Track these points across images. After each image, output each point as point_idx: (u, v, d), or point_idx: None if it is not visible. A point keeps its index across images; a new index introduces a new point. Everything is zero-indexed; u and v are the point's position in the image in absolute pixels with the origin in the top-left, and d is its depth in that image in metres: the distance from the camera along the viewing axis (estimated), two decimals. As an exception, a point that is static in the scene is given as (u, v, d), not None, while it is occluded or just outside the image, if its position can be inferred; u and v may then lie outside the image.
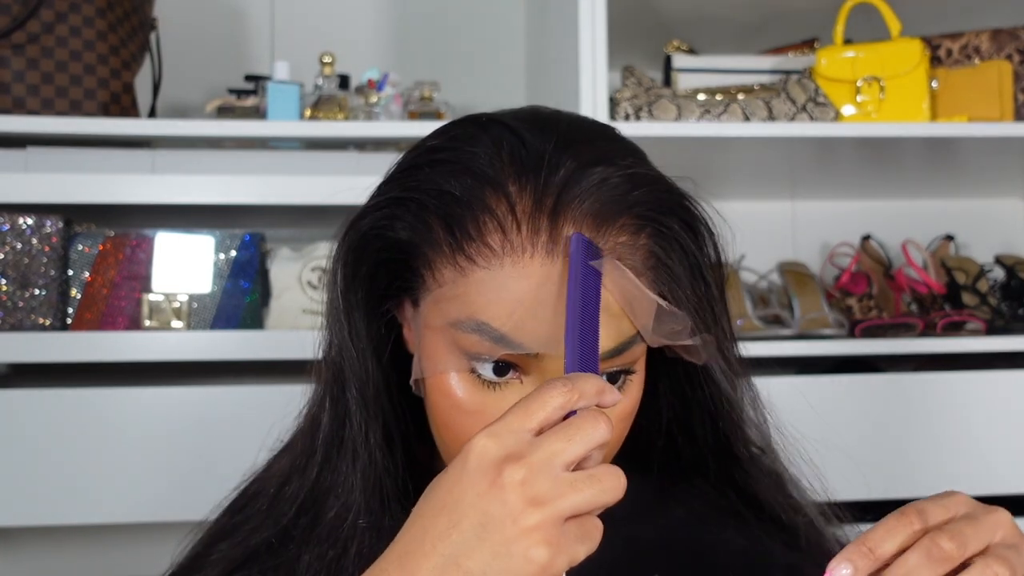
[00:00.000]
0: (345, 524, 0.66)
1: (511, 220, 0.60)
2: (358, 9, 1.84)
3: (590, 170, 0.61)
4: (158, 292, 1.38)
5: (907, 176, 1.79)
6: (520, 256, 0.60)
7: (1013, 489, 1.45)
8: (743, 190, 1.84)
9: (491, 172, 0.61)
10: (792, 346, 1.47)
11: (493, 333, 0.60)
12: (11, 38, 1.35)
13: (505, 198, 0.60)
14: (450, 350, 0.62)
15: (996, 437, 1.44)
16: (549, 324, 0.59)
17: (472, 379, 0.62)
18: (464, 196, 0.61)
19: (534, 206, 0.60)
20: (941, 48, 1.61)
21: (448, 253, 0.61)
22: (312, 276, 1.43)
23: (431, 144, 0.67)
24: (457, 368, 0.62)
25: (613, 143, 0.65)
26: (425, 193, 0.63)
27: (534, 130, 0.64)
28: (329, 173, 1.42)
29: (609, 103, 1.44)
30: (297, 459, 0.71)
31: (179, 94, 1.70)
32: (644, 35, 1.71)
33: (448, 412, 0.63)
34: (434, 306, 0.63)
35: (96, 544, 1.59)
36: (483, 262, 0.60)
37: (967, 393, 1.45)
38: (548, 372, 0.61)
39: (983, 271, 1.68)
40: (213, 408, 1.33)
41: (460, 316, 0.61)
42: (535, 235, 0.60)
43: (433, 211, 0.62)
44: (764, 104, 1.48)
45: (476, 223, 0.60)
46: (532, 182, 0.61)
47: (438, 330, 0.62)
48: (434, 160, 0.64)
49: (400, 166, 0.67)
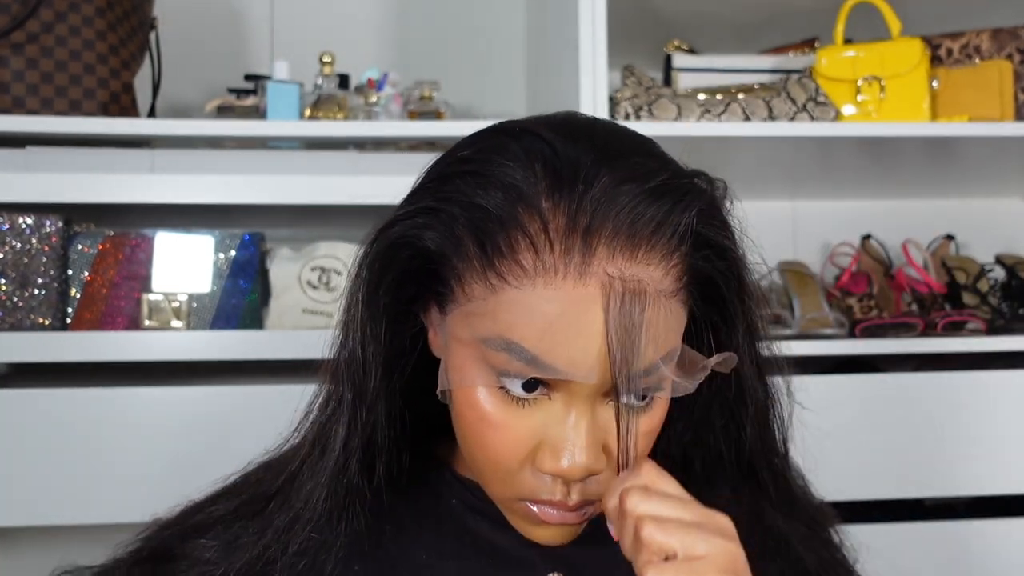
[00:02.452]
0: (296, 525, 0.67)
1: (544, 239, 0.59)
2: (358, 9, 1.84)
3: (625, 187, 0.60)
4: (158, 292, 1.38)
5: (907, 176, 1.79)
6: (552, 277, 0.59)
7: (1014, 489, 1.45)
8: (743, 190, 1.82)
9: (524, 187, 0.60)
10: (792, 346, 1.47)
11: (524, 354, 0.59)
12: (10, 37, 1.35)
13: (539, 215, 0.59)
14: (478, 365, 0.62)
15: (996, 437, 1.44)
16: (579, 348, 0.59)
17: (500, 394, 0.61)
18: (496, 211, 0.60)
19: (567, 225, 0.59)
20: (941, 48, 1.61)
21: (479, 269, 0.61)
22: (312, 276, 1.43)
23: (462, 154, 0.65)
24: (485, 383, 0.62)
25: (650, 157, 0.64)
26: (457, 205, 0.62)
27: (568, 142, 0.62)
28: (329, 173, 1.41)
29: (609, 103, 1.44)
30: (287, 451, 0.72)
31: (179, 94, 1.69)
32: (644, 35, 1.71)
33: (474, 424, 0.63)
34: (463, 320, 0.62)
35: (96, 544, 1.58)
36: (515, 281, 0.59)
37: (967, 393, 1.45)
38: (577, 391, 0.61)
39: (983, 271, 1.68)
40: (213, 408, 1.32)
41: (490, 334, 0.60)
42: (568, 256, 0.59)
43: (464, 224, 0.61)
44: (764, 104, 1.47)
45: (508, 240, 0.59)
46: (566, 199, 0.59)
47: (467, 344, 0.62)
48: (465, 171, 0.63)
49: (430, 175, 0.66)
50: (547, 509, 0.63)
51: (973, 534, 1.44)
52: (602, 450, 0.62)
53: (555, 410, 0.61)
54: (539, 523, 0.64)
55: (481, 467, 0.65)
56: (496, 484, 0.65)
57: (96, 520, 1.31)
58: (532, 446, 0.62)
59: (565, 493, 0.62)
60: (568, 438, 0.61)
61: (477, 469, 0.66)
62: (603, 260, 0.59)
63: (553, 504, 0.63)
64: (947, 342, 1.49)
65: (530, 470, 0.63)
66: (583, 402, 0.61)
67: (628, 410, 0.61)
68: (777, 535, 0.73)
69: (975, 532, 1.45)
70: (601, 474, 0.63)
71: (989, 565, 1.43)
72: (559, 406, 0.61)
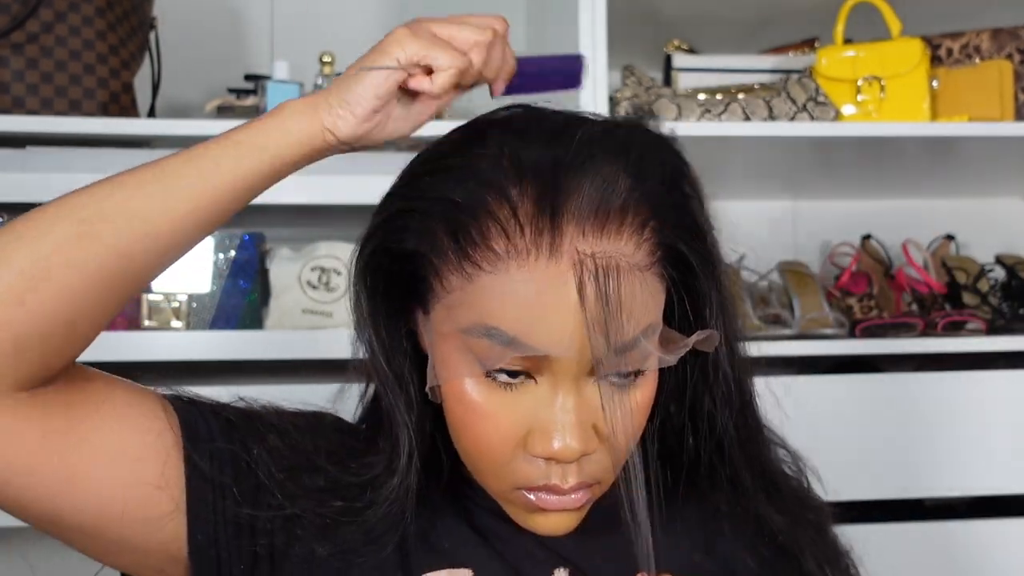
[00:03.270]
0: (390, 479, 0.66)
1: (514, 223, 0.60)
2: (358, 9, 1.84)
3: (590, 167, 0.61)
4: (157, 292, 1.38)
5: (907, 176, 1.79)
6: (525, 259, 0.60)
7: (1014, 489, 1.45)
8: (743, 190, 1.84)
9: (490, 175, 0.61)
10: (792, 346, 1.47)
11: (502, 337, 0.60)
12: (10, 37, 1.35)
13: (507, 201, 0.61)
14: (462, 356, 0.62)
15: (996, 437, 1.44)
16: (557, 325, 0.60)
17: (487, 382, 0.62)
18: (466, 202, 0.61)
19: (535, 208, 0.60)
20: (941, 48, 1.61)
21: (454, 260, 0.62)
22: (312, 276, 1.43)
23: (431, 153, 0.67)
24: (470, 373, 0.62)
25: (612, 137, 0.65)
26: (428, 201, 0.63)
27: (533, 131, 0.64)
28: (329, 173, 1.40)
29: (609, 103, 1.44)
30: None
31: (179, 94, 1.69)
32: (644, 35, 1.71)
33: (464, 417, 0.64)
34: (444, 313, 0.63)
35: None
36: (488, 267, 0.60)
37: (967, 393, 1.45)
38: (561, 372, 0.61)
39: (984, 271, 1.68)
40: (213, 408, 1.32)
41: (469, 323, 0.61)
42: (538, 236, 0.60)
43: (437, 219, 0.62)
44: (764, 104, 1.47)
45: (480, 228, 0.61)
46: (532, 183, 0.61)
47: (449, 337, 0.63)
48: (436, 168, 0.65)
49: (402, 178, 0.68)
50: (544, 495, 0.64)
51: (973, 534, 1.44)
52: (593, 430, 0.63)
53: (542, 393, 0.62)
54: (538, 511, 0.65)
55: (475, 461, 0.65)
56: (491, 477, 0.65)
57: (96, 520, 1.31)
58: (522, 432, 0.62)
59: (561, 476, 0.63)
60: (557, 419, 0.61)
61: (472, 464, 0.66)
62: (573, 238, 0.60)
63: (549, 489, 0.63)
64: (947, 342, 1.49)
65: (523, 457, 0.63)
66: (569, 382, 0.62)
67: (612, 386, 0.62)
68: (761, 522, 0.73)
69: (975, 532, 1.45)
70: (595, 454, 0.63)
71: (989, 565, 1.43)
72: (545, 389, 0.62)
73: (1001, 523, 1.46)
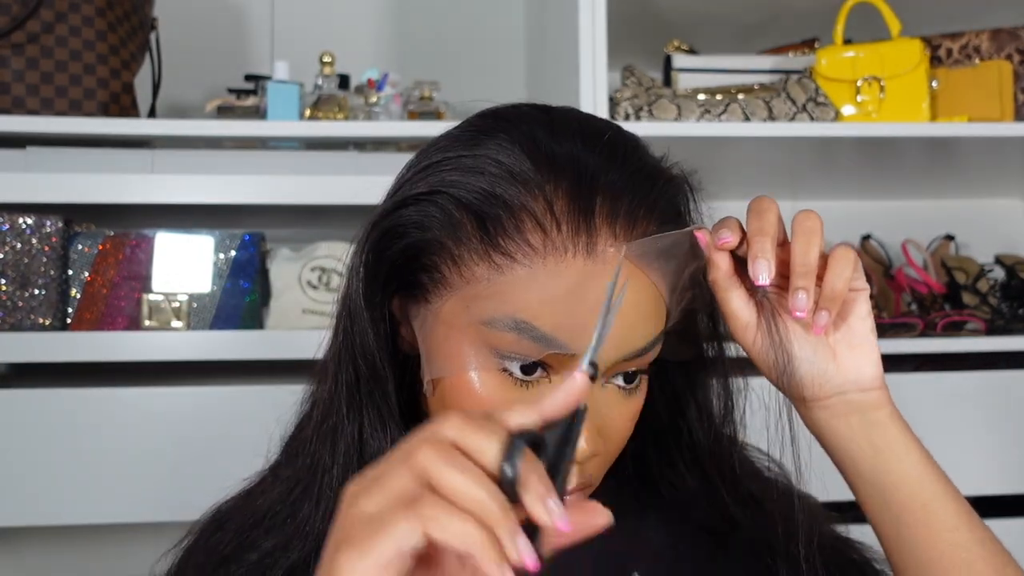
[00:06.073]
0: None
1: (550, 219, 0.60)
2: (358, 9, 1.84)
3: (622, 168, 0.62)
4: (158, 292, 1.38)
5: (907, 176, 1.79)
6: (563, 255, 0.60)
7: (1014, 489, 1.45)
8: (743, 190, 1.83)
9: (522, 169, 0.61)
10: (792, 346, 1.47)
11: (533, 332, 0.59)
12: (11, 38, 1.35)
13: (542, 196, 0.60)
14: (477, 349, 0.61)
15: (996, 437, 1.44)
16: (586, 324, 0.59)
17: (502, 377, 0.61)
18: (499, 192, 0.61)
19: (570, 205, 0.60)
20: (941, 48, 1.61)
21: (481, 250, 0.61)
22: (312, 276, 1.43)
23: (451, 141, 0.66)
24: (485, 367, 0.61)
25: (635, 140, 0.66)
26: (453, 187, 0.62)
27: (561, 127, 0.64)
28: (329, 173, 1.41)
29: (609, 103, 1.44)
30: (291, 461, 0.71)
31: (179, 94, 1.70)
32: (644, 35, 1.71)
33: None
34: (459, 304, 0.62)
35: (96, 544, 1.59)
36: (524, 260, 0.60)
37: (967, 393, 1.45)
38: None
39: (983, 271, 1.68)
40: (213, 408, 1.32)
41: (495, 315, 0.60)
42: (575, 235, 0.60)
43: (464, 207, 0.61)
44: (764, 104, 1.47)
45: (514, 220, 0.60)
46: (566, 180, 0.61)
47: (462, 328, 0.62)
48: (456, 156, 0.64)
49: (415, 166, 0.66)
50: None
51: (973, 534, 1.44)
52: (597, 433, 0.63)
53: None
54: None
55: None
56: None
57: (96, 520, 1.31)
58: None
59: None
60: None
61: None
62: (607, 238, 0.60)
63: None
64: (947, 342, 1.49)
65: None
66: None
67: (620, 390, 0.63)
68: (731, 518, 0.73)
69: (975, 532, 1.44)
70: (595, 457, 0.63)
71: (989, 565, 1.43)
72: None
73: (1001, 523, 1.45)
